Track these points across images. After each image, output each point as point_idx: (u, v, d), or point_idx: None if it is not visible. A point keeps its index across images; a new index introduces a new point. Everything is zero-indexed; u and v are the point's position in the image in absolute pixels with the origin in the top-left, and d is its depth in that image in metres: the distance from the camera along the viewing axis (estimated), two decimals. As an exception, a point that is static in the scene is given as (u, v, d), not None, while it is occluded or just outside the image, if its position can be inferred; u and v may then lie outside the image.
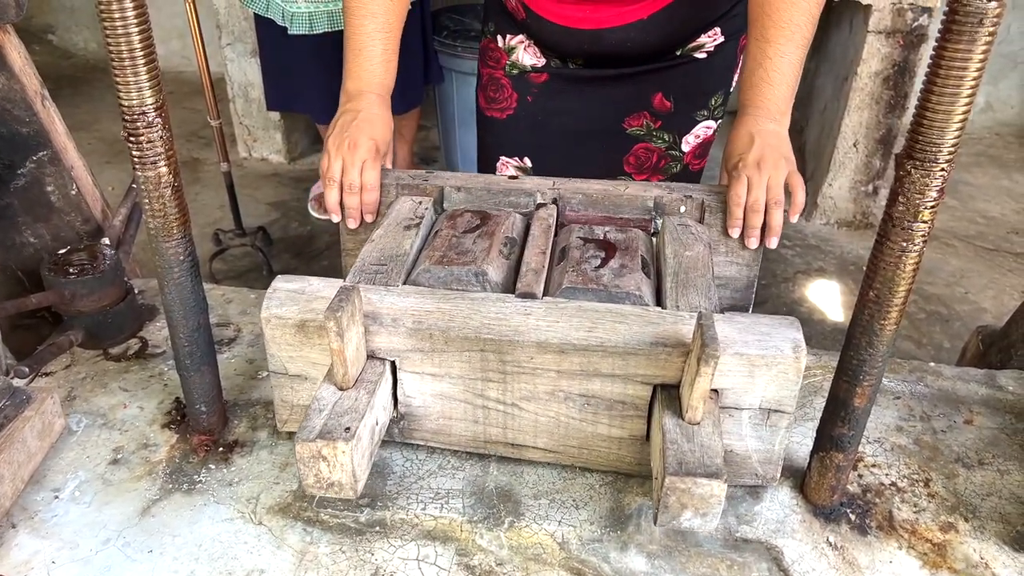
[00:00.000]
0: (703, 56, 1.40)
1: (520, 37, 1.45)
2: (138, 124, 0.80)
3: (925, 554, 0.90)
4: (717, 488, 0.76)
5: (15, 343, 1.20)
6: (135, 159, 0.82)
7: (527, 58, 1.46)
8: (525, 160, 1.56)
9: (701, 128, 1.47)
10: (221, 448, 1.02)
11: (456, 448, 1.00)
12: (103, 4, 0.74)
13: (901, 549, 0.90)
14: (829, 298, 2.79)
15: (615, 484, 0.97)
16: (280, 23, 2.63)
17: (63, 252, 1.20)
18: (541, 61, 1.46)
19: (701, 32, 1.38)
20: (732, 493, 0.95)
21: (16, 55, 1.24)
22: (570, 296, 0.96)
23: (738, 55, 1.45)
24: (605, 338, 0.88)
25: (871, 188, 3.11)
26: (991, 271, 2.93)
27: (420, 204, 1.17)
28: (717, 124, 1.48)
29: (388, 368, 0.92)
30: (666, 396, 0.87)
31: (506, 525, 0.91)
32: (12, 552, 0.88)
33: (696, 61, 1.41)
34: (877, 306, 0.79)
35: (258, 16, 2.70)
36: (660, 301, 0.99)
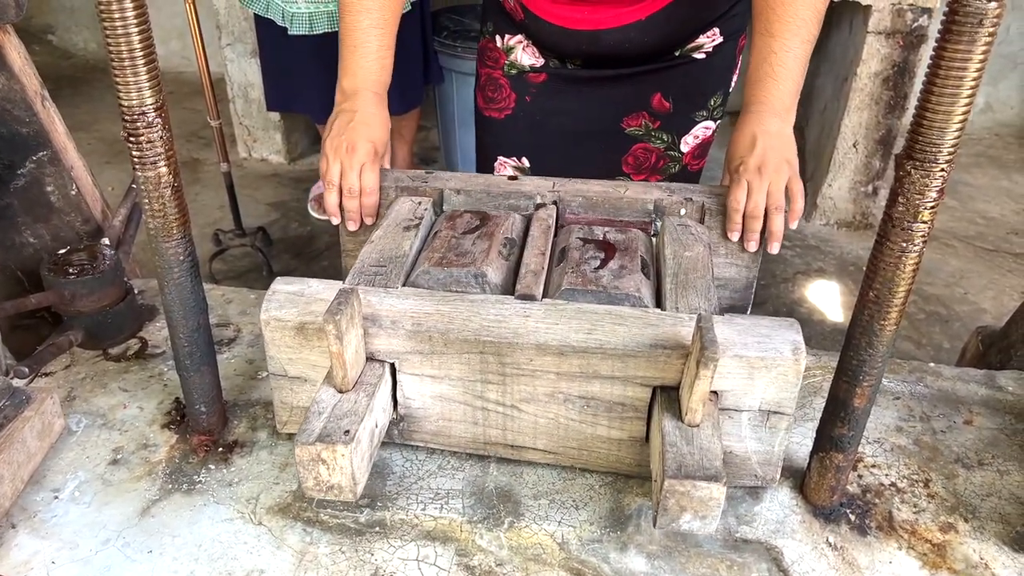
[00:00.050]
0: (702, 57, 1.40)
1: (519, 37, 1.45)
2: (138, 124, 0.80)
3: (925, 554, 0.90)
4: (716, 491, 0.76)
5: (15, 343, 1.20)
6: (135, 159, 0.82)
7: (525, 58, 1.46)
8: (523, 160, 1.55)
9: (700, 128, 1.46)
10: (221, 448, 1.02)
11: (456, 450, 1.00)
12: (103, 4, 0.74)
13: (901, 549, 0.90)
14: (829, 298, 2.79)
15: (615, 485, 0.97)
16: (280, 23, 2.63)
17: (63, 252, 1.20)
18: (540, 61, 1.46)
19: (700, 32, 1.37)
20: (732, 493, 0.95)
21: (16, 55, 1.24)
22: (569, 297, 0.96)
23: (737, 55, 1.45)
24: (604, 340, 0.88)
25: (871, 189, 3.11)
26: (991, 272, 2.93)
27: (419, 205, 1.17)
28: (716, 125, 1.48)
29: (387, 370, 0.92)
30: (665, 398, 0.87)
31: (506, 525, 0.91)
32: (12, 552, 0.88)
33: (695, 62, 1.41)
34: (877, 306, 0.79)
35: (258, 16, 2.71)
36: (660, 302, 0.98)
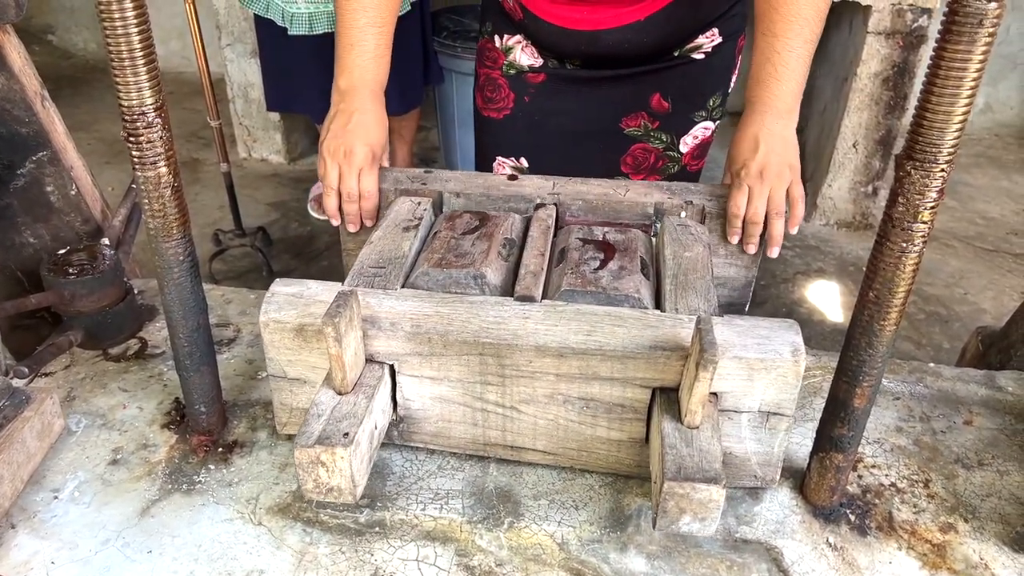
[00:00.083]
0: (701, 57, 1.40)
1: (517, 37, 1.45)
2: (138, 124, 0.80)
3: (925, 555, 0.90)
4: (716, 493, 0.76)
5: (15, 343, 1.20)
6: (135, 159, 0.82)
7: (524, 58, 1.46)
8: (522, 160, 1.55)
9: (699, 129, 1.46)
10: (220, 448, 1.02)
11: (456, 451, 1.00)
12: (103, 4, 0.74)
13: (901, 550, 0.90)
14: (829, 299, 2.79)
15: (615, 485, 0.97)
16: (280, 24, 2.63)
17: (63, 252, 1.20)
18: (538, 61, 1.46)
19: (699, 33, 1.37)
20: (731, 494, 0.95)
21: (16, 55, 1.23)
22: (569, 299, 0.96)
23: (736, 56, 1.45)
24: (604, 342, 0.88)
25: (871, 189, 3.11)
26: (990, 272, 2.93)
27: (419, 205, 1.17)
28: (715, 125, 1.48)
29: (387, 372, 0.92)
30: (665, 400, 0.87)
31: (506, 526, 0.91)
32: (11, 552, 0.88)
33: (694, 62, 1.41)
34: (877, 307, 0.79)
35: (258, 17, 2.70)
36: (659, 303, 0.98)
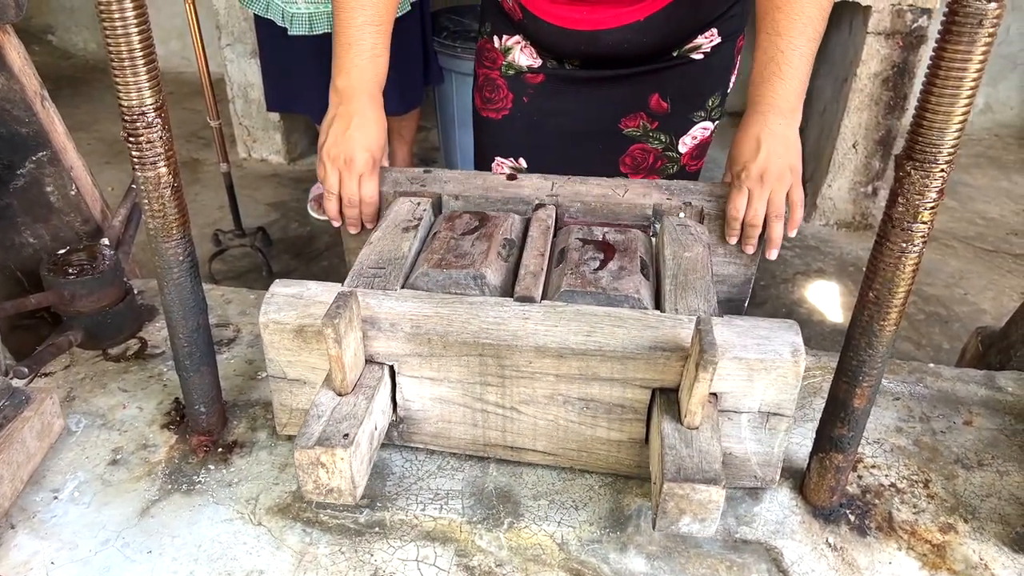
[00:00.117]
0: (700, 57, 1.40)
1: (517, 38, 1.45)
2: (138, 124, 0.80)
3: (924, 555, 0.90)
4: (715, 494, 0.76)
5: (14, 343, 1.20)
6: (135, 159, 0.82)
7: (523, 59, 1.46)
8: (520, 161, 1.55)
9: (698, 129, 1.46)
10: (220, 449, 1.02)
11: (455, 451, 1.00)
12: (103, 4, 0.74)
13: (900, 550, 0.90)
14: (828, 299, 2.79)
15: (614, 485, 0.97)
16: (280, 24, 2.63)
17: (62, 252, 1.20)
18: (537, 62, 1.46)
19: (698, 33, 1.37)
20: (731, 494, 0.95)
21: (16, 55, 1.23)
22: (569, 299, 0.96)
23: (735, 56, 1.45)
24: (604, 342, 0.88)
25: (870, 189, 3.11)
26: (990, 272, 2.93)
27: (418, 205, 1.17)
28: (714, 125, 1.48)
29: (387, 372, 0.92)
30: (665, 400, 0.87)
31: (505, 526, 0.91)
32: (11, 553, 0.88)
33: (693, 62, 1.41)
34: (877, 307, 0.79)
35: (258, 17, 2.70)
36: (659, 303, 0.98)
